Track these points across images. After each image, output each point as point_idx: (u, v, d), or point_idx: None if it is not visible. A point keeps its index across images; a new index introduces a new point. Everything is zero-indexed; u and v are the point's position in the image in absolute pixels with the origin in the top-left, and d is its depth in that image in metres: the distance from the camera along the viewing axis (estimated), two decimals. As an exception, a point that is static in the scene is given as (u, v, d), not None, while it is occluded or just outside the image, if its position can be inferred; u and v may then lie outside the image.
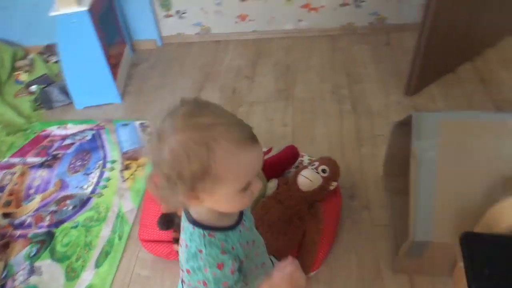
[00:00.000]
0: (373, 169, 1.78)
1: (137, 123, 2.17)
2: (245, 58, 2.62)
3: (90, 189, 1.83)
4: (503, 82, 2.20)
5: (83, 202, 1.77)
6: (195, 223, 0.71)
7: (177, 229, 1.41)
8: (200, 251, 0.69)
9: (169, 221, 1.43)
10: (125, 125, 2.17)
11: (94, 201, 1.78)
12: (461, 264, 1.06)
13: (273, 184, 1.46)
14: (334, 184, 1.40)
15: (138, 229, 1.56)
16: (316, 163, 1.41)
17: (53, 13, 2.00)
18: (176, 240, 1.42)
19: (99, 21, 2.15)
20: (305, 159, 1.61)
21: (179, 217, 1.30)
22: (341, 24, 2.76)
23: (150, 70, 2.63)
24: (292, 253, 1.37)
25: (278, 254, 1.32)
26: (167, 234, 1.47)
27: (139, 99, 2.39)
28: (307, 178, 1.35)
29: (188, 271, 0.71)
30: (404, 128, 1.51)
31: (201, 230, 0.70)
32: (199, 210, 0.72)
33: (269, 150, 1.65)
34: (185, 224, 0.75)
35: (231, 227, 0.74)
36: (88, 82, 2.24)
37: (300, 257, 1.36)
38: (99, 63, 2.17)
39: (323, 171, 1.38)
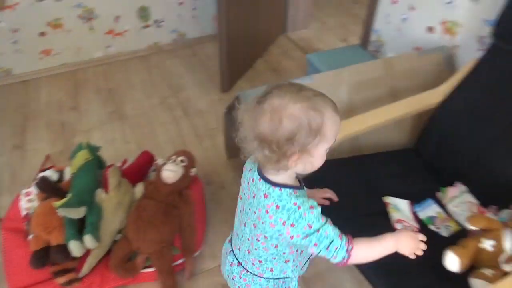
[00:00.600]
0: (218, 156, 2.07)
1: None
2: (63, 92, 2.56)
3: None
4: (287, 67, 2.82)
5: None
6: (281, 186, 0.86)
7: (55, 263, 1.38)
8: (295, 204, 0.83)
9: (43, 257, 1.38)
10: None
11: None
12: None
13: (139, 188, 1.57)
14: (194, 170, 1.62)
15: (7, 280, 1.43)
16: (174, 157, 1.59)
17: None
18: (57, 274, 1.39)
19: None
20: (159, 160, 1.77)
21: (56, 249, 1.31)
22: (147, 44, 2.98)
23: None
24: (177, 238, 1.52)
25: (165, 243, 1.47)
26: (41, 273, 1.41)
27: None
28: (170, 171, 1.52)
29: (292, 225, 0.84)
30: (232, 113, 1.84)
31: (288, 190, 0.85)
32: (283, 176, 0.86)
33: (125, 161, 1.75)
34: (268, 191, 0.86)
35: (300, 187, 0.92)
36: None
37: (182, 241, 1.52)
38: None
39: (182, 161, 1.57)
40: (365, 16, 2.30)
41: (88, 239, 1.36)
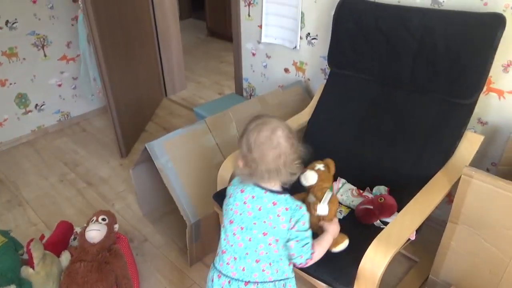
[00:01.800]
0: (133, 215, 2.17)
1: None
2: None
3: None
4: (176, 124, 3.07)
5: None
6: (282, 192, 1.14)
7: None
8: (297, 205, 1.14)
9: None
10: None
11: None
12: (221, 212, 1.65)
13: (66, 255, 1.60)
14: (116, 226, 1.71)
15: None
16: (94, 218, 1.67)
17: None
18: None
19: None
20: (77, 229, 1.81)
21: None
22: (31, 129, 2.95)
23: None
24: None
25: None
26: None
27: None
28: (95, 230, 1.59)
29: (296, 221, 1.12)
30: (139, 169, 2.00)
31: (288, 195, 1.15)
32: (278, 186, 1.15)
33: (42, 237, 1.74)
34: (276, 199, 1.13)
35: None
36: None
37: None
38: None
39: (103, 219, 1.66)
40: (234, 69, 2.73)
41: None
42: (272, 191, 1.14)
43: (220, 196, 1.63)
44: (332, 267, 1.27)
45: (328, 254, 1.29)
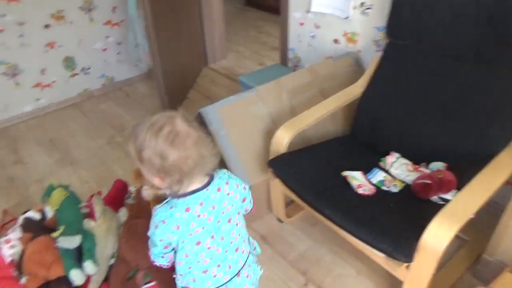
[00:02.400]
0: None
1: None
2: (0, 149, 2.49)
3: None
4: (217, 93, 3.08)
5: None
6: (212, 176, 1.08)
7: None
8: (228, 172, 1.15)
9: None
10: None
11: None
12: (275, 179, 1.67)
13: (123, 212, 1.66)
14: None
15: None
16: (150, 178, 1.72)
17: None
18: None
19: None
20: (132, 188, 1.87)
21: (57, 282, 1.37)
22: (77, 92, 3.03)
23: None
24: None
25: None
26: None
27: None
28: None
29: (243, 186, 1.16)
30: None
31: (217, 173, 1.11)
32: (206, 176, 1.07)
33: (100, 193, 1.81)
34: (217, 183, 1.07)
35: None
36: None
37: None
38: None
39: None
40: (280, 38, 2.69)
41: (89, 265, 1.42)
42: (208, 183, 1.05)
43: (275, 163, 1.65)
44: (393, 237, 1.27)
45: (389, 225, 1.30)
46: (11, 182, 2.22)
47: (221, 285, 1.13)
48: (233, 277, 1.14)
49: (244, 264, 1.18)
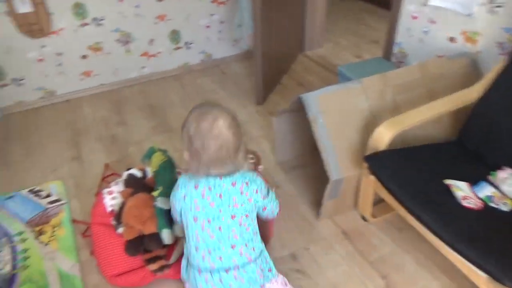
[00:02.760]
0: (267, 161, 2.23)
1: (25, 191, 2.01)
2: (106, 109, 2.72)
3: (9, 267, 1.64)
4: (311, 81, 3.04)
5: (9, 281, 1.58)
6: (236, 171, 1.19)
7: (146, 251, 1.51)
8: (252, 175, 1.22)
9: (137, 245, 1.50)
10: (11, 197, 1.98)
11: (21, 275, 1.61)
12: (370, 176, 1.60)
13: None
14: (261, 167, 1.77)
15: (102, 269, 1.54)
16: (243, 155, 1.75)
17: None
18: (149, 261, 1.51)
19: None
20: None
21: (149, 237, 1.44)
22: (178, 65, 3.18)
23: (4, 143, 2.41)
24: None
25: None
26: (135, 261, 1.53)
27: (9, 171, 2.18)
28: (243, 167, 1.68)
29: (261, 190, 1.21)
30: (282, 117, 2.03)
31: (241, 170, 1.21)
32: (228, 169, 1.17)
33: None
34: (233, 179, 1.16)
35: None
36: None
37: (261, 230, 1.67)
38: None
39: (251, 158, 1.73)
40: (387, 31, 2.55)
41: (178, 228, 1.49)
42: (225, 175, 1.14)
43: (373, 160, 1.57)
44: (501, 259, 1.15)
45: (498, 245, 1.17)
46: (114, 140, 2.41)
47: (206, 270, 1.19)
48: (221, 269, 1.18)
49: (239, 266, 1.18)
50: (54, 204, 1.94)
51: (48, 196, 1.99)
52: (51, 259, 1.67)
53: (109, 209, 1.66)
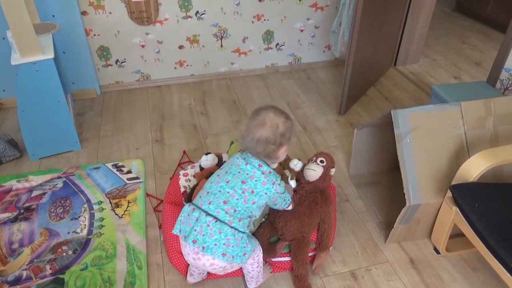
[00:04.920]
0: (340, 172, 2.16)
1: (109, 165, 2.18)
2: (192, 98, 2.84)
3: (85, 231, 1.79)
4: (398, 97, 2.88)
5: (83, 245, 1.72)
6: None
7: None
8: (271, 171, 1.35)
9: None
10: (97, 168, 2.16)
11: (95, 241, 1.74)
12: (453, 207, 1.47)
13: (293, 181, 1.70)
14: (333, 170, 1.71)
15: (168, 245, 1.63)
16: (314, 158, 1.70)
17: (15, 62, 1.96)
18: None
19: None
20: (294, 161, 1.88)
21: None
22: (266, 64, 3.21)
23: (99, 117, 2.64)
24: (315, 232, 1.63)
25: (305, 233, 1.58)
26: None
27: (99, 144, 2.38)
28: (311, 169, 1.63)
29: (279, 184, 1.35)
30: (364, 130, 1.94)
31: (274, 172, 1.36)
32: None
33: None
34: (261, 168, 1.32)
35: None
36: (47, 132, 2.18)
37: (319, 236, 1.62)
38: (62, 112, 2.15)
39: (321, 161, 1.68)
40: (498, 53, 2.32)
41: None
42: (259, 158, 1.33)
43: (460, 190, 1.44)
44: None
45: None
46: (195, 129, 2.51)
47: (195, 205, 1.31)
48: (203, 211, 1.28)
49: (218, 220, 1.25)
50: (133, 181, 2.07)
51: (129, 172, 2.14)
52: (123, 232, 1.79)
53: (182, 189, 1.74)
